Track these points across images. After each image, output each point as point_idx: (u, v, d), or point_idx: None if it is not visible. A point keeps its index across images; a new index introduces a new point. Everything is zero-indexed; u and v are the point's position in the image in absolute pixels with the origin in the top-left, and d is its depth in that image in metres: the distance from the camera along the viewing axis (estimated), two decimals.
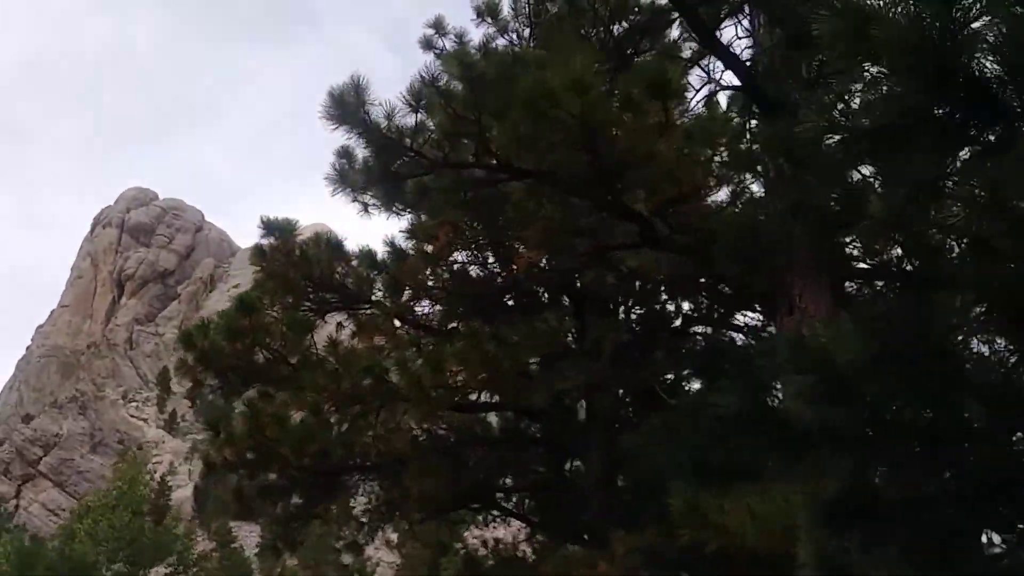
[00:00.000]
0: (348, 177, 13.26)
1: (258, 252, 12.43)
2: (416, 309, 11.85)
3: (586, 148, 6.58)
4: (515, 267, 7.51)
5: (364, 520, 11.95)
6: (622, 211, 7.30)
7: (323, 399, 10.25)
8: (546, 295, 10.94)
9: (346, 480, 11.02)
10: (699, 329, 11.71)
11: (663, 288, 10.58)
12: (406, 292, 11.88)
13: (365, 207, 13.63)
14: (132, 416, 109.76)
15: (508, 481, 13.96)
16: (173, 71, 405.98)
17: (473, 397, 11.48)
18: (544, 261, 8.40)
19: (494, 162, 7.29)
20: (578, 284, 10.18)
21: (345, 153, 13.23)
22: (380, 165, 7.55)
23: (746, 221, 7.40)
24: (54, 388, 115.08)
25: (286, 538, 11.21)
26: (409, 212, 13.63)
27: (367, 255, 11.43)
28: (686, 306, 10.84)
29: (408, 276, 10.49)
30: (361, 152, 12.94)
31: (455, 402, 10.18)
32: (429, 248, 10.54)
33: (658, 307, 11.22)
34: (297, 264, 12.49)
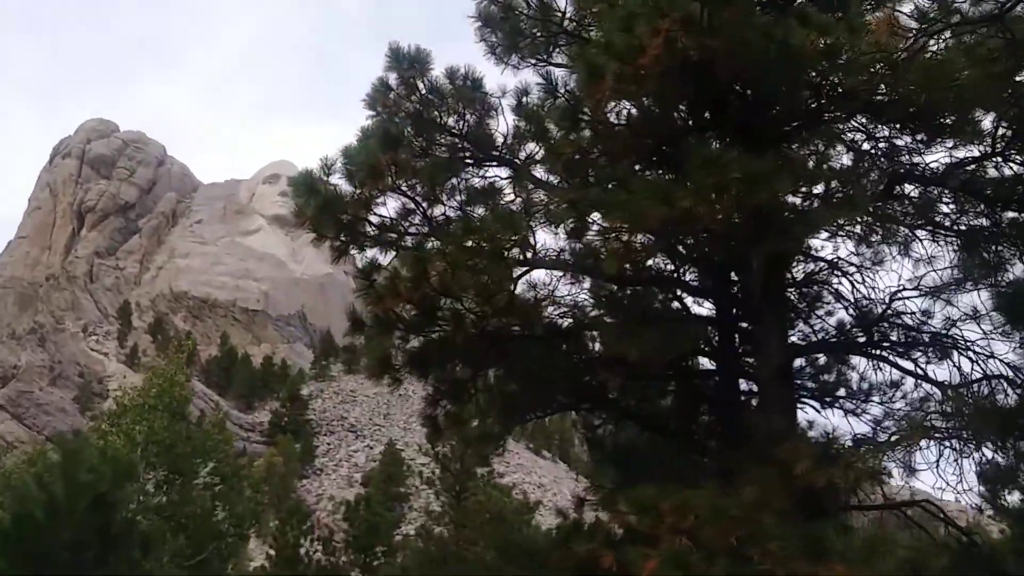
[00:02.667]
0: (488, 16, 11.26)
1: (381, 87, 10.40)
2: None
3: None
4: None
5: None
6: None
7: (496, 249, 8.36)
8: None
9: (520, 348, 9.07)
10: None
11: None
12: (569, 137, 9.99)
13: (493, 50, 11.67)
14: (92, 350, 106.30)
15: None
16: (132, 7, 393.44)
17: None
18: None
19: None
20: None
21: None
22: None
23: None
24: (11, 320, 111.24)
25: (451, 414, 9.27)
26: (537, 63, 11.70)
27: (545, 76, 9.47)
28: None
29: (601, 99, 8.49)
30: None
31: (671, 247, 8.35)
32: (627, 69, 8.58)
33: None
34: (426, 103, 10.53)
